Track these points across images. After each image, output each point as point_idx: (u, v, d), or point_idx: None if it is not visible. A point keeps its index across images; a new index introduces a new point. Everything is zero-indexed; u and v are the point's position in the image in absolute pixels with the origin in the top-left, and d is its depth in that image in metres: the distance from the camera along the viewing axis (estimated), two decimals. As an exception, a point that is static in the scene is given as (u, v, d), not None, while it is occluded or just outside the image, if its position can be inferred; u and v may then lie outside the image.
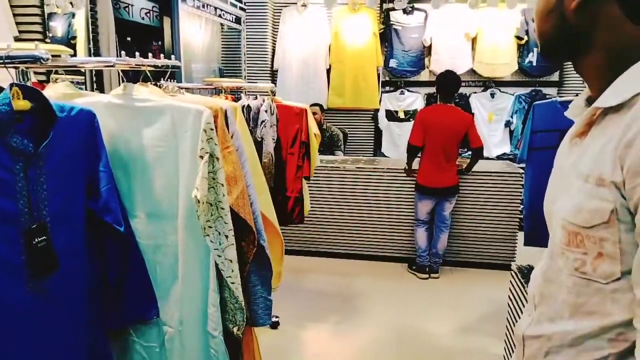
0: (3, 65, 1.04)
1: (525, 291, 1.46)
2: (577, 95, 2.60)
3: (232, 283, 1.37)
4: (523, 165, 2.74)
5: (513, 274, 1.66)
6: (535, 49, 5.08)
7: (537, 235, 2.20)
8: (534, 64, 5.13)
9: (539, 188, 2.26)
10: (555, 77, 5.31)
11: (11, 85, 1.01)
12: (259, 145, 2.37)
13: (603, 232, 0.74)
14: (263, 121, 2.42)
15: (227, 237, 1.35)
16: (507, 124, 5.29)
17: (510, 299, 1.73)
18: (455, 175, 3.70)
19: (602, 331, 0.77)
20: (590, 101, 0.84)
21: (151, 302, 1.42)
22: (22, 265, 1.06)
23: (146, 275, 1.40)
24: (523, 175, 3.09)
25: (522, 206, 3.21)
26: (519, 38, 5.07)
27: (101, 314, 1.30)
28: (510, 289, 1.89)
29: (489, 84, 5.30)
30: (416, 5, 5.23)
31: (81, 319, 1.22)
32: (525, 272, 1.59)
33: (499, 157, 5.23)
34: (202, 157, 1.28)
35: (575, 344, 0.81)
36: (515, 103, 5.24)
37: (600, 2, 0.77)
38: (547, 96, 4.97)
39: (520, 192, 3.69)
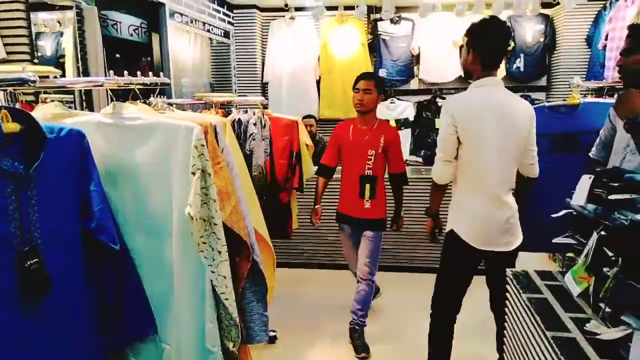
0: (-9, 88, 1.04)
1: (522, 297, 1.46)
2: (564, 100, 2.64)
3: (226, 299, 1.36)
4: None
5: (509, 279, 1.67)
6: (522, 55, 5.14)
7: (534, 241, 2.20)
8: (522, 69, 5.19)
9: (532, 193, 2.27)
10: (543, 81, 5.37)
11: (0, 108, 1.01)
12: (248, 158, 2.37)
13: None
14: (251, 134, 2.42)
15: (220, 253, 1.34)
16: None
17: (508, 305, 1.73)
18: None
19: None
20: None
21: (148, 319, 1.41)
22: (14, 288, 1.04)
23: (142, 292, 1.39)
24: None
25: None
26: (505, 44, 5.13)
27: (99, 333, 1.28)
28: (507, 295, 1.89)
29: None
30: (403, 15, 5.29)
31: (79, 340, 1.20)
32: (521, 278, 1.59)
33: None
34: (194, 173, 1.28)
35: None
36: (505, 108, 5.28)
37: (474, 62, 2.02)
38: (536, 101, 5.02)
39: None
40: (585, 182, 1.42)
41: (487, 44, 2.00)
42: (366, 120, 2.76)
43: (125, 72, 1.40)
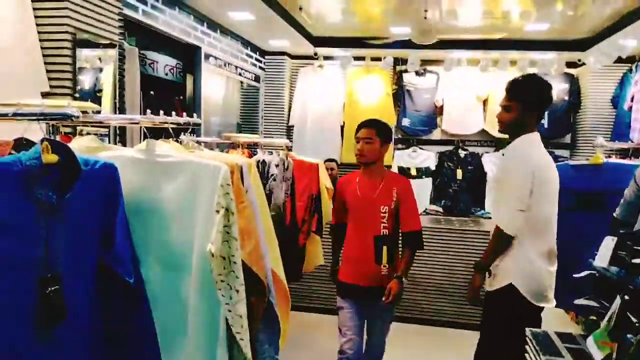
0: (36, 121, 1.11)
1: (541, 359, 1.42)
2: (587, 159, 2.62)
3: (241, 339, 1.35)
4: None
5: (528, 339, 1.61)
6: (546, 112, 5.16)
7: (557, 296, 2.14)
8: (546, 126, 5.19)
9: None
10: (567, 139, 5.35)
11: (42, 140, 1.07)
12: (267, 198, 2.39)
13: None
14: (272, 175, 2.47)
15: (238, 291, 1.35)
16: (520, 184, 5.29)
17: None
18: None
19: None
20: None
21: (155, 357, 1.39)
22: (31, 312, 1.06)
23: (152, 330, 1.38)
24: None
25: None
26: (530, 101, 5.18)
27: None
28: (526, 355, 1.82)
29: (500, 144, 5.36)
30: (428, 68, 5.41)
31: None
32: (541, 339, 1.54)
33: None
34: (218, 211, 1.31)
35: None
36: (528, 163, 5.26)
37: (532, 118, 2.16)
38: (560, 158, 4.99)
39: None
40: (608, 244, 1.40)
41: (546, 102, 2.19)
42: (373, 173, 2.43)
43: (162, 112, 1.48)
